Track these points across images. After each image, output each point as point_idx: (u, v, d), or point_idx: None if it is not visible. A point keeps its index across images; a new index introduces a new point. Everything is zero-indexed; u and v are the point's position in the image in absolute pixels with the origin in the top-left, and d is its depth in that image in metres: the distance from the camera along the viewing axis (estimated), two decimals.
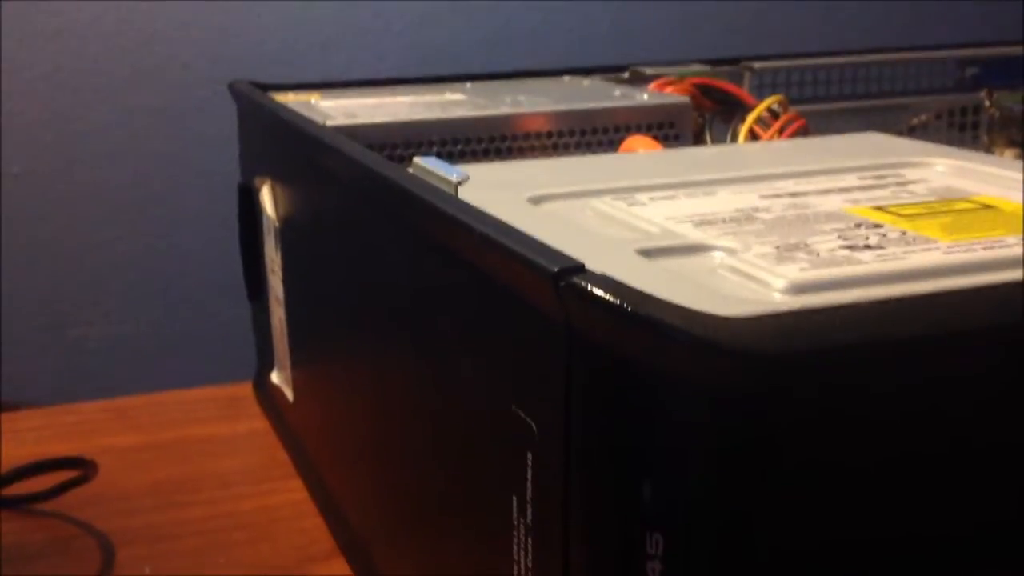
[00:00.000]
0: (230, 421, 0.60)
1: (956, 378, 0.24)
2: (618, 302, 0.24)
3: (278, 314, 0.55)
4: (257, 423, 0.60)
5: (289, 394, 0.55)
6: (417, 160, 0.37)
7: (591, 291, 0.24)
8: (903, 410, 0.24)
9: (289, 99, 0.55)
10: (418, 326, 0.36)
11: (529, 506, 0.28)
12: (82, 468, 0.50)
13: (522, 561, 0.29)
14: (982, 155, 0.40)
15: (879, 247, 0.28)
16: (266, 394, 0.61)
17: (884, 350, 0.23)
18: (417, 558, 0.39)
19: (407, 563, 0.40)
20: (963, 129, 0.58)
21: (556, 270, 0.25)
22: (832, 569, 0.24)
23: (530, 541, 0.28)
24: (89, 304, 1.42)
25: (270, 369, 0.59)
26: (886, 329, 0.23)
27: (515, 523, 0.29)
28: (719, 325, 0.23)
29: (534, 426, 0.27)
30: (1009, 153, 0.55)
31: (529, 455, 0.28)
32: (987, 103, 0.57)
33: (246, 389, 0.63)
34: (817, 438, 0.23)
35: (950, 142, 0.47)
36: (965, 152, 0.40)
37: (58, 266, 1.37)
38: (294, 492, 0.52)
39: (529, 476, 0.28)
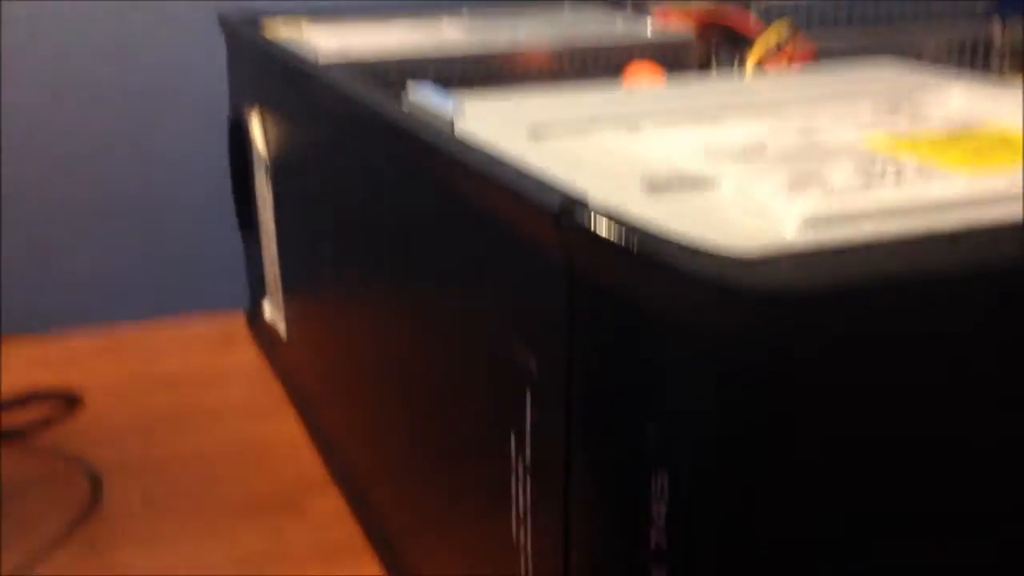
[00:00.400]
0: (222, 352, 0.59)
1: (979, 319, 0.23)
2: (623, 240, 0.23)
3: (270, 248, 0.54)
4: (250, 354, 0.59)
5: (282, 331, 0.54)
6: (412, 90, 0.36)
7: (594, 228, 0.23)
8: (921, 352, 0.23)
9: (279, 27, 0.54)
10: (413, 263, 0.35)
11: (528, 445, 0.27)
12: (71, 400, 0.49)
13: (521, 500, 0.28)
14: (998, 83, 0.39)
15: (896, 178, 0.27)
16: (259, 326, 0.60)
17: (906, 288, 0.22)
18: (413, 494, 0.38)
19: (402, 498, 0.39)
20: (975, 60, 0.57)
21: (557, 206, 0.24)
22: (842, 511, 0.24)
23: (529, 480, 0.28)
24: (77, 233, 1.40)
25: (262, 301, 0.58)
26: (908, 266, 0.22)
27: (513, 462, 0.28)
28: (730, 263, 0.22)
29: (534, 363, 0.26)
30: None
31: (528, 392, 0.27)
32: (999, 33, 0.56)
33: (238, 319, 0.62)
34: (829, 381, 0.22)
35: (962, 74, 0.46)
36: (981, 80, 0.39)
37: (45, 195, 1.35)
38: (288, 424, 0.52)
39: (528, 414, 0.27)
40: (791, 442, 0.23)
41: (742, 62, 0.50)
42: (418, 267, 0.35)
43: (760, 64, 0.48)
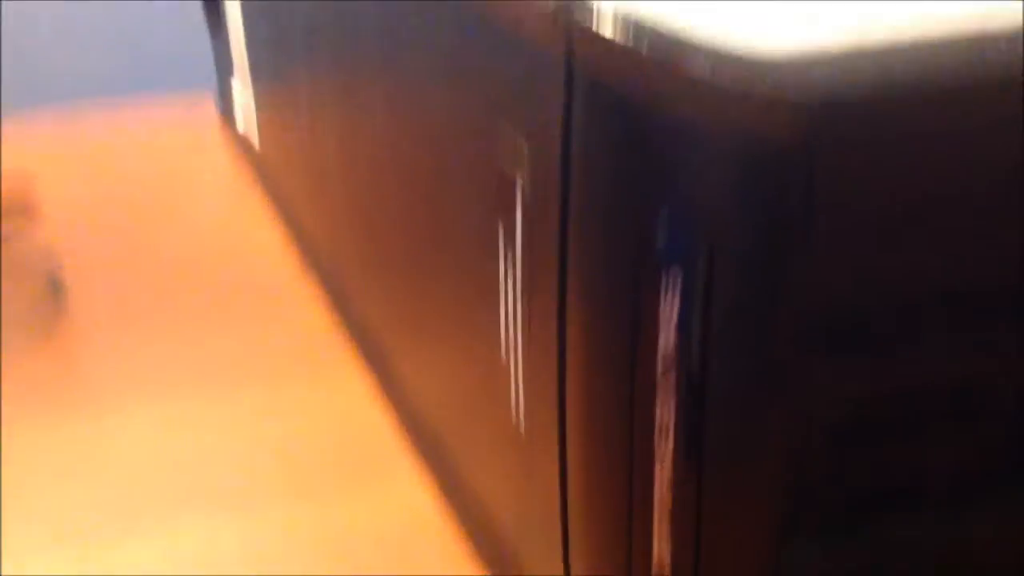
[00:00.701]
0: (192, 145, 0.56)
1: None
2: (630, 34, 0.19)
3: (236, 30, 0.50)
4: (221, 153, 0.55)
5: (254, 134, 0.50)
6: None
7: (597, 20, 0.20)
8: (955, 158, 0.20)
9: None
10: (398, 51, 0.31)
11: (518, 246, 0.24)
12: (25, 205, 0.46)
13: (509, 301, 0.25)
14: None
15: None
16: (228, 110, 0.56)
17: (957, 92, 0.19)
18: (398, 302, 0.35)
19: (387, 307, 0.37)
20: None
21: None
22: (863, 312, 0.21)
23: (519, 278, 0.25)
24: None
25: (230, 88, 0.54)
26: (962, 68, 0.19)
27: (502, 265, 0.25)
28: (754, 65, 0.18)
29: (525, 149, 0.23)
30: None
31: (519, 186, 0.24)
32: None
33: (208, 102, 0.58)
34: (854, 186, 0.20)
35: None
36: None
37: None
38: (264, 224, 0.48)
39: (518, 212, 0.24)
40: (811, 242, 0.20)
41: None
42: (397, 52, 0.31)
43: None
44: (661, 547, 0.22)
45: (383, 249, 0.36)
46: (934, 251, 0.21)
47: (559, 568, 0.25)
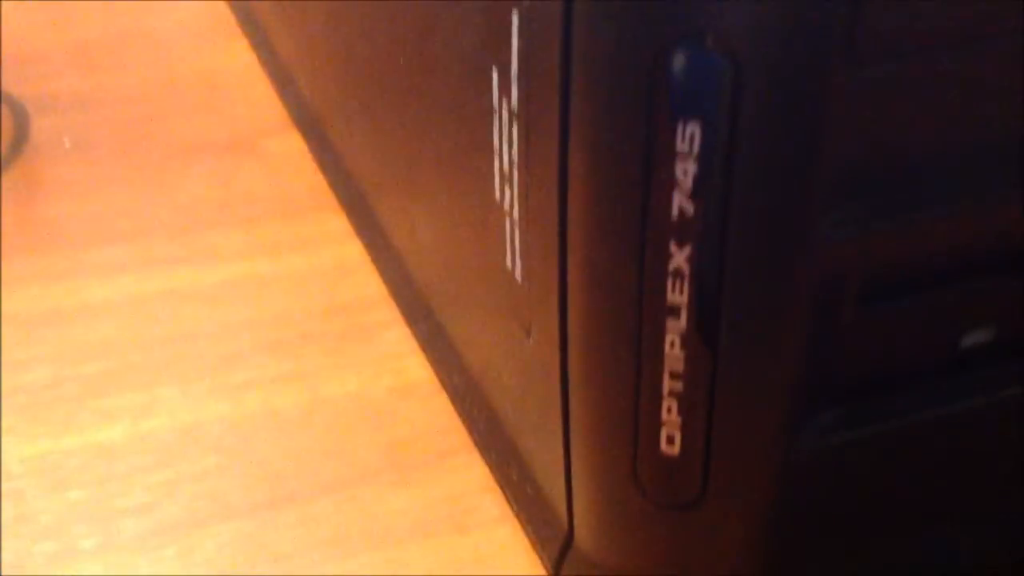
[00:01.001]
0: None
1: None
2: None
3: None
4: None
5: None
6: None
7: None
8: None
9: None
10: None
11: (513, 80, 0.21)
12: None
13: (504, 152, 0.23)
14: None
15: None
16: None
17: None
18: (384, 141, 0.33)
19: (372, 146, 0.34)
20: None
21: None
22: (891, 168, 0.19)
23: (515, 128, 0.22)
24: None
25: None
26: None
27: (496, 102, 0.22)
28: None
29: None
30: None
31: (515, 15, 0.21)
32: None
33: None
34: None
35: None
36: None
37: None
38: (239, 55, 0.45)
39: (514, 44, 0.21)
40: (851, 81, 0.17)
41: None
42: None
43: None
44: (670, 408, 0.20)
45: (368, 88, 0.33)
46: (967, 101, 0.19)
47: (558, 444, 0.23)
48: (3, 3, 0.46)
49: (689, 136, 0.18)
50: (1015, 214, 0.20)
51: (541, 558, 0.25)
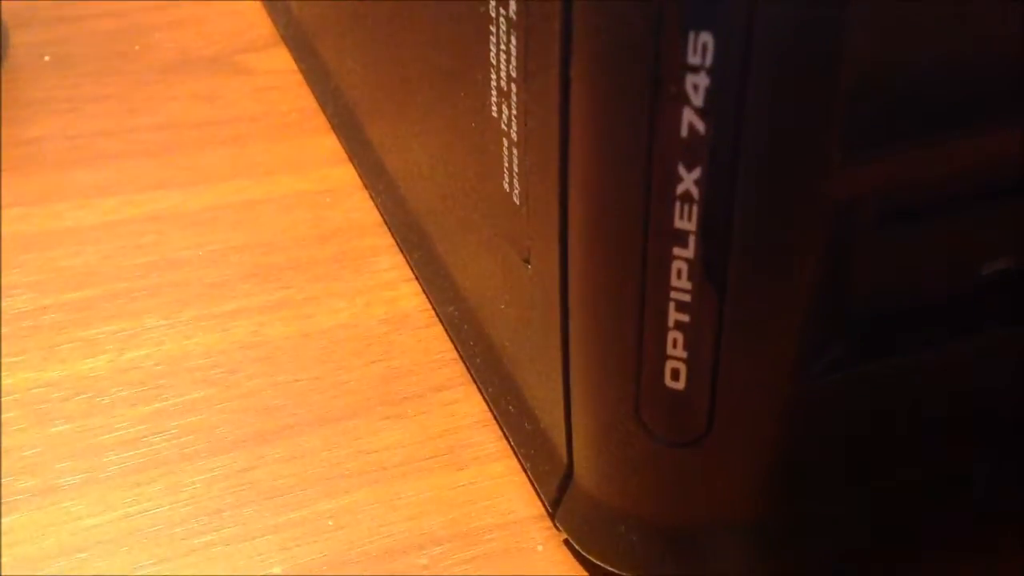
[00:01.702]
0: None
1: None
2: None
3: None
4: None
5: None
6: None
7: None
8: None
9: None
10: None
11: None
12: None
13: (502, 66, 0.21)
14: None
15: None
16: None
17: None
18: (373, 50, 0.31)
19: (361, 58, 0.32)
20: None
21: None
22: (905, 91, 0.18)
23: (513, 39, 0.20)
24: None
25: None
26: None
27: (493, 14, 0.21)
28: None
29: None
30: None
31: None
32: None
33: None
34: None
35: None
36: None
37: None
38: None
39: None
40: None
41: None
42: None
43: None
44: (675, 341, 0.19)
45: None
46: (988, 18, 0.18)
47: (558, 377, 0.22)
48: None
49: (701, 47, 0.16)
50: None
51: (540, 495, 0.25)
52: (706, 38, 0.16)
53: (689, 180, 0.18)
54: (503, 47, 0.21)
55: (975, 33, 0.18)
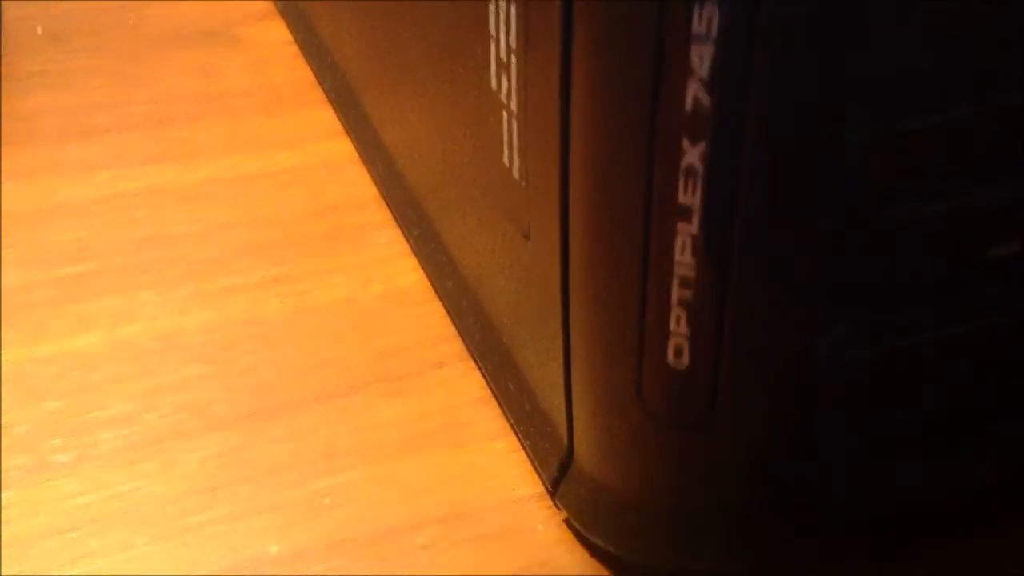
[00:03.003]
0: None
1: None
2: None
3: None
4: None
5: None
6: None
7: None
8: None
9: None
10: None
11: None
12: None
13: (502, 37, 0.21)
14: None
15: None
16: None
17: None
18: (370, 20, 0.31)
19: (358, 29, 0.32)
20: None
21: None
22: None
23: (513, 8, 0.20)
24: None
25: None
26: None
27: None
28: None
29: None
30: None
31: None
32: None
33: None
34: None
35: None
36: None
37: None
38: None
39: None
40: None
41: None
42: None
43: None
44: (678, 318, 0.19)
45: None
46: None
47: (558, 355, 0.21)
48: None
49: (707, 17, 0.16)
50: None
51: (539, 475, 0.24)
52: (711, 8, 0.16)
53: (694, 154, 0.17)
54: (503, 16, 0.20)
55: (986, 9, 0.18)
